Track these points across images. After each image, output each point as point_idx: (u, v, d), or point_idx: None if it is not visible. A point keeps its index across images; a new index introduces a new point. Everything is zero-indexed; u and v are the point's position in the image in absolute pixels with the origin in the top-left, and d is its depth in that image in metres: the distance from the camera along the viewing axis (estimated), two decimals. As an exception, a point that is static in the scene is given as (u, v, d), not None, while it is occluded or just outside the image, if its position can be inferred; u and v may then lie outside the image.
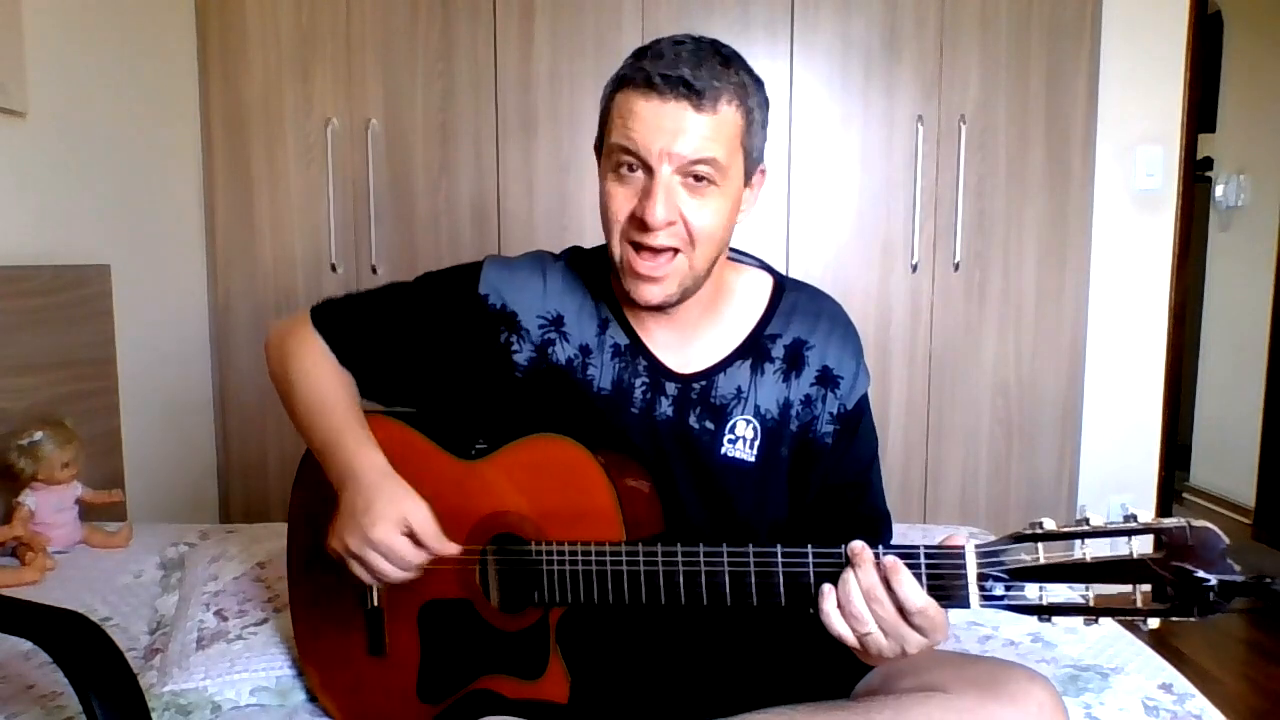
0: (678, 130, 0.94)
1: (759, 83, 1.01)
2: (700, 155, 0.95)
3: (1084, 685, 1.23)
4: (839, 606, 0.86)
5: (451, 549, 1.01)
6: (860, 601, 0.85)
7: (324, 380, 1.10)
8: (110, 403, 2.19)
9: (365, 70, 2.60)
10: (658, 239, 0.97)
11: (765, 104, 1.02)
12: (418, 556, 0.99)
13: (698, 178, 0.96)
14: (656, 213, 0.95)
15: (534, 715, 1.01)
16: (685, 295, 1.02)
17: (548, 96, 2.60)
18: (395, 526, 0.98)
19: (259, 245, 2.67)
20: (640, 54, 0.98)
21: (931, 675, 0.93)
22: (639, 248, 0.98)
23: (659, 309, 1.02)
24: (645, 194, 0.96)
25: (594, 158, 1.07)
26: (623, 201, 0.98)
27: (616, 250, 1.00)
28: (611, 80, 1.01)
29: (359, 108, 2.61)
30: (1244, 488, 3.74)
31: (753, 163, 1.03)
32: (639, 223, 0.97)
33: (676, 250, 0.98)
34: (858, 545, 0.86)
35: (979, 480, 2.70)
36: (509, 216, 2.63)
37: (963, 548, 0.84)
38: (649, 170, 0.96)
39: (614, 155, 0.98)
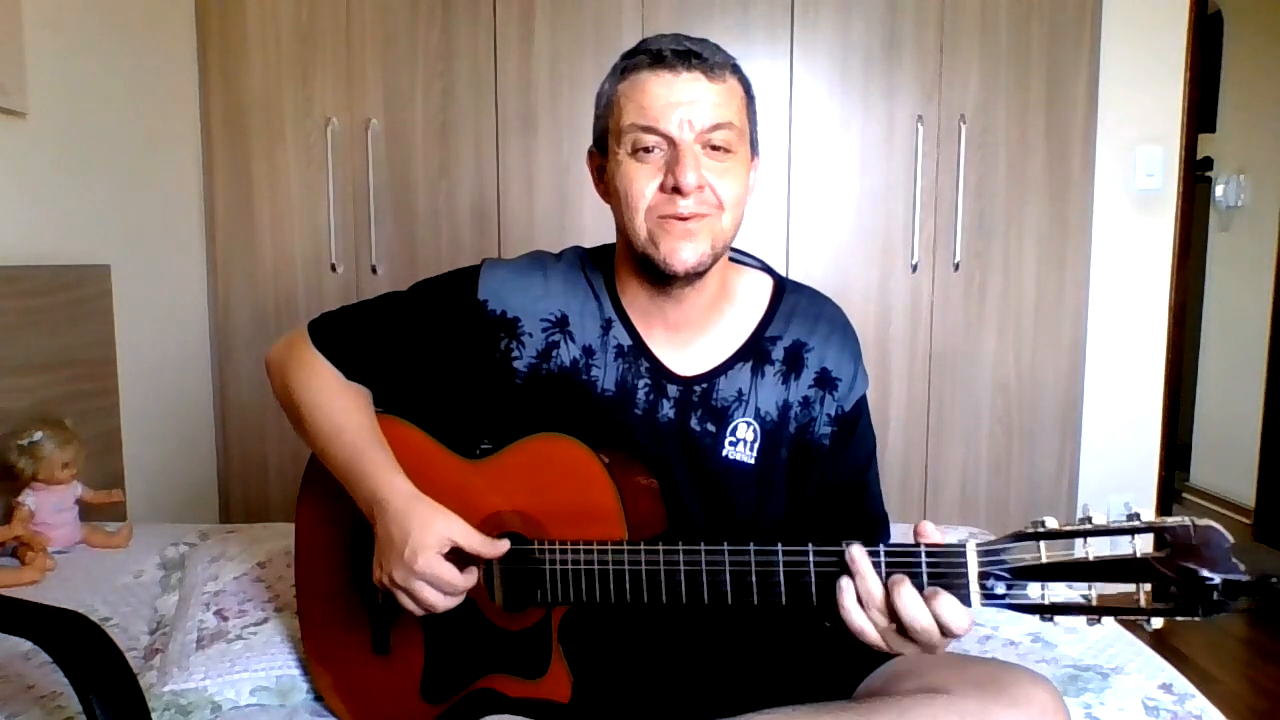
0: (695, 99, 0.97)
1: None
2: (719, 120, 0.98)
3: (1084, 685, 1.22)
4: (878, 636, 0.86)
5: (502, 547, 1.00)
6: (858, 614, 0.85)
7: (333, 404, 1.09)
8: (110, 403, 2.19)
9: (365, 70, 2.60)
10: (690, 206, 0.97)
11: (753, 89, 1.05)
12: (465, 581, 0.99)
13: (715, 146, 0.98)
14: (689, 177, 0.96)
15: (536, 715, 1.01)
16: (715, 258, 1.02)
17: (548, 96, 2.60)
18: (437, 551, 0.98)
19: (259, 245, 2.66)
20: (633, 49, 1.01)
21: (933, 677, 0.93)
22: (667, 219, 0.99)
23: (693, 276, 1.01)
24: (674, 163, 0.97)
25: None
26: (646, 179, 0.99)
27: (642, 230, 1.00)
28: (612, 73, 1.03)
29: (359, 108, 2.61)
30: (1244, 488, 3.74)
31: (754, 140, 1.05)
32: (668, 195, 0.98)
33: (705, 215, 0.99)
34: (855, 551, 0.85)
35: (979, 480, 2.70)
36: (509, 216, 2.63)
37: (963, 546, 0.84)
38: (671, 143, 0.97)
39: (631, 135, 0.99)
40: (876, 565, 0.85)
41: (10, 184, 1.93)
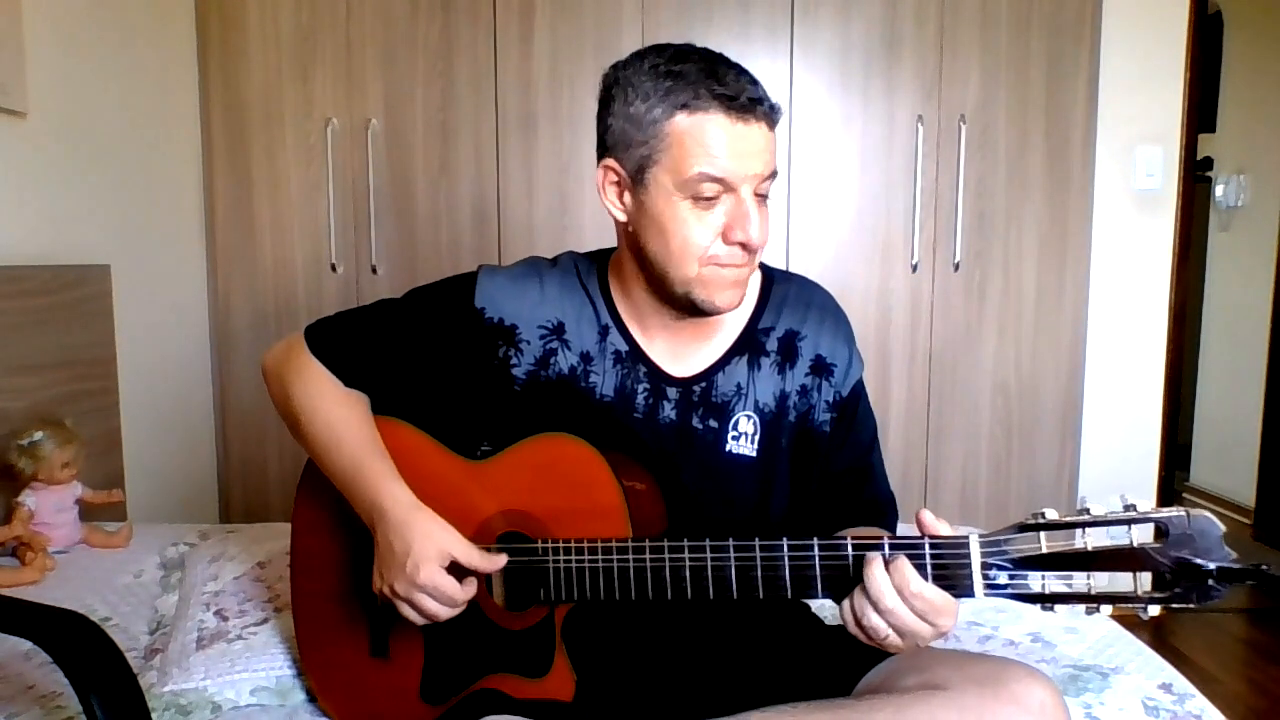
0: (762, 152, 0.96)
1: None
2: (772, 171, 0.98)
3: (1084, 685, 1.22)
4: (856, 623, 0.88)
5: (499, 562, 1.01)
6: (875, 616, 0.86)
7: (332, 413, 1.09)
8: (110, 403, 2.19)
9: (365, 70, 2.60)
10: (749, 259, 0.99)
11: None
12: (465, 593, 1.00)
13: (760, 195, 0.98)
14: (759, 234, 0.97)
15: (538, 714, 1.01)
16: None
17: (548, 96, 2.60)
18: (438, 564, 0.98)
19: (259, 245, 2.67)
20: (692, 77, 0.94)
21: (933, 673, 0.93)
22: (723, 265, 0.98)
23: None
24: (741, 218, 0.96)
25: (594, 159, 1.05)
26: (707, 229, 0.97)
27: (690, 270, 0.98)
28: (665, 99, 0.95)
29: (359, 108, 2.61)
30: (1244, 488, 3.75)
31: None
32: (735, 246, 0.97)
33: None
34: (869, 558, 0.87)
35: (979, 480, 2.70)
36: (509, 216, 2.63)
37: (966, 537, 0.85)
38: (732, 195, 0.96)
39: (695, 184, 0.95)
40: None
41: (10, 184, 1.94)
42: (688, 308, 1.02)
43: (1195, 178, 3.06)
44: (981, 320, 2.66)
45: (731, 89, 0.94)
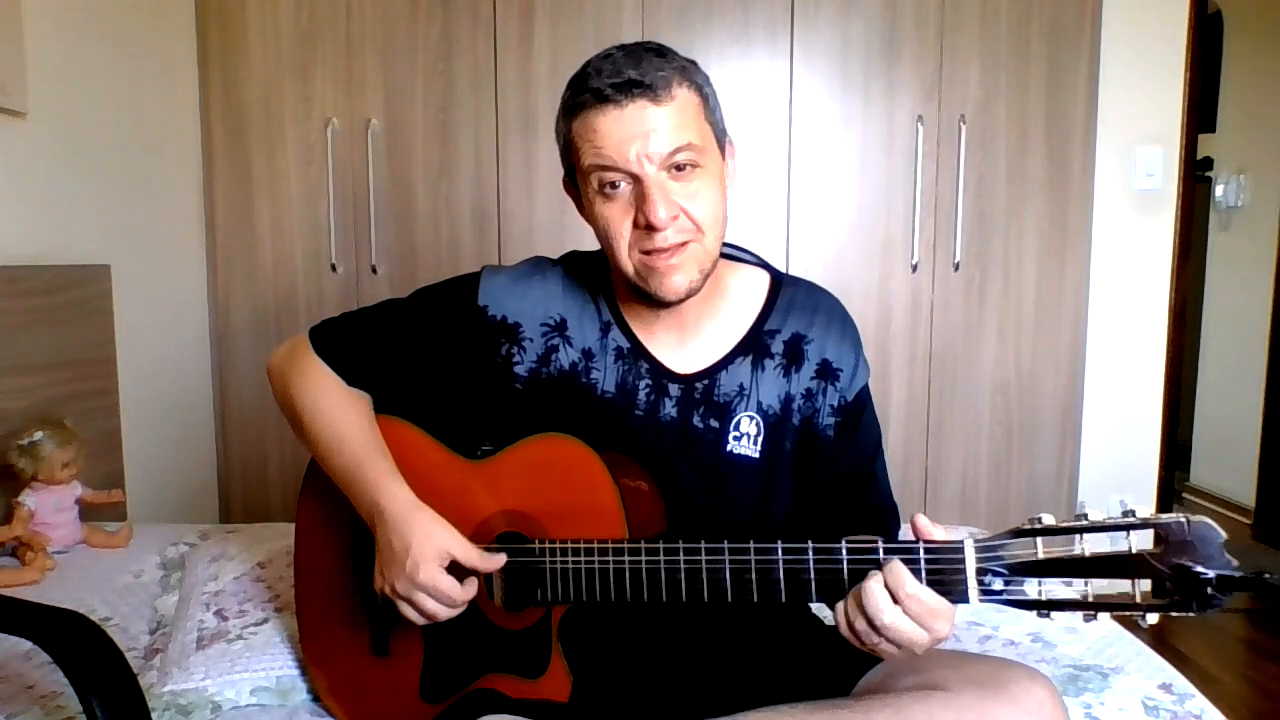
0: (647, 130, 0.95)
1: (695, 64, 1.02)
2: (678, 143, 0.96)
3: (1084, 685, 1.22)
4: (850, 627, 0.88)
5: (498, 561, 1.01)
6: (869, 634, 0.86)
7: (334, 412, 1.09)
8: (110, 403, 2.19)
9: (365, 70, 2.60)
10: (668, 239, 0.97)
11: (709, 80, 1.03)
12: (465, 594, 1.00)
13: (679, 167, 0.97)
14: (659, 213, 0.95)
15: (535, 714, 1.01)
16: (705, 278, 1.02)
17: (548, 96, 2.60)
18: (438, 564, 0.98)
19: (259, 245, 2.67)
20: (577, 80, 0.99)
21: (932, 674, 0.93)
22: (649, 253, 0.98)
23: (685, 299, 1.01)
24: (641, 199, 0.96)
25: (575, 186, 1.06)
26: (620, 216, 0.98)
27: (629, 264, 1.00)
28: (560, 113, 1.01)
29: (359, 108, 2.61)
30: (1244, 488, 3.74)
31: (721, 134, 1.04)
32: (645, 229, 0.97)
33: (686, 242, 0.98)
34: (871, 574, 0.86)
35: (979, 480, 2.70)
36: (509, 217, 2.63)
37: (961, 542, 0.85)
38: (634, 178, 0.96)
39: (594, 176, 0.98)
40: (875, 563, 0.87)
41: (10, 184, 1.94)
42: (656, 302, 1.02)
43: (1195, 178, 3.06)
44: (981, 320, 2.66)
45: (595, 82, 0.95)
